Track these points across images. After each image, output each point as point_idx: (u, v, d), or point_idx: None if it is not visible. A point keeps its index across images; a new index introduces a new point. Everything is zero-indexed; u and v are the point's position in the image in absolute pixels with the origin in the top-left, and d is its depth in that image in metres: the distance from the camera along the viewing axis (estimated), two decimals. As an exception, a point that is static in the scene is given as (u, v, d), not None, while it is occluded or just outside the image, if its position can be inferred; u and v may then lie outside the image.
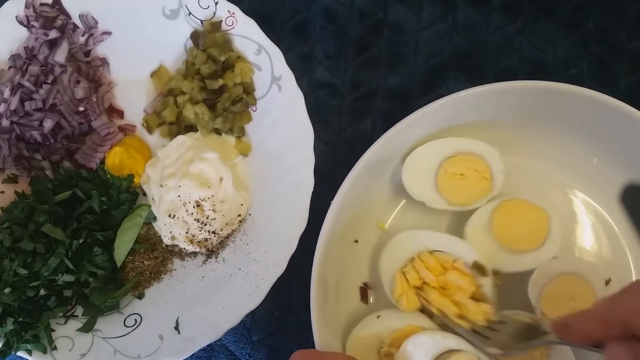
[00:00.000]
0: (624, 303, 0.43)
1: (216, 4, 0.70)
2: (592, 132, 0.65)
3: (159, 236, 0.72)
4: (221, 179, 0.69)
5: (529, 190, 0.69)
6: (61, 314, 0.69)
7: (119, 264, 0.69)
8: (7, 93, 0.70)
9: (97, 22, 0.74)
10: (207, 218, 0.68)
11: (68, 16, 0.73)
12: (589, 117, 0.63)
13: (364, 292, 0.68)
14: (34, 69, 0.71)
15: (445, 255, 0.63)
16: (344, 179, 0.62)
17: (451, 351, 0.57)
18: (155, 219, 0.71)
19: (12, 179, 0.72)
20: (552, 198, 0.69)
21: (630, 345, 0.42)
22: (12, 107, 0.70)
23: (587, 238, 0.69)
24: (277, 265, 0.67)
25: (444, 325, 0.61)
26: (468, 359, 0.56)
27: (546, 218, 0.64)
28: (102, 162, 0.73)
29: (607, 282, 0.62)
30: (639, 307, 0.42)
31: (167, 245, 0.72)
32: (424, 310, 0.63)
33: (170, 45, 0.74)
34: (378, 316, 0.63)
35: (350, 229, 0.67)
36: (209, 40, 0.70)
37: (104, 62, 0.75)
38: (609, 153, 0.66)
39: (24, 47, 0.72)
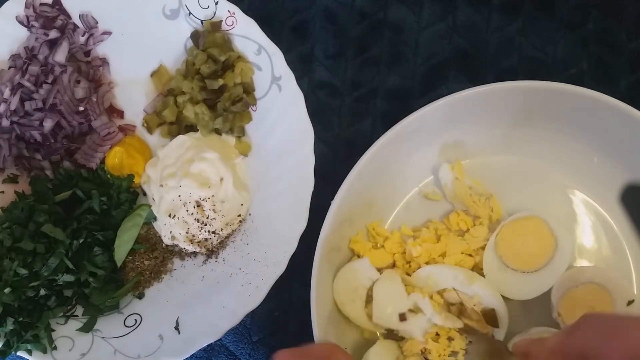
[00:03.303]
0: (579, 338, 0.45)
1: (216, 4, 0.71)
2: (593, 132, 0.65)
3: (159, 236, 0.72)
4: (221, 179, 0.69)
5: (529, 190, 0.69)
6: (61, 314, 0.69)
7: (119, 264, 0.69)
8: (7, 93, 0.70)
9: (97, 22, 0.74)
10: (207, 218, 0.68)
11: (68, 16, 0.73)
12: (589, 117, 0.63)
13: None
14: (34, 69, 0.71)
15: (466, 296, 0.64)
16: (344, 179, 0.62)
17: None
18: (155, 219, 0.71)
19: (12, 179, 0.72)
20: (552, 198, 0.69)
21: None
22: (12, 107, 0.70)
23: (587, 238, 0.69)
24: (277, 265, 0.67)
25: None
26: None
27: (545, 226, 0.64)
28: (102, 162, 0.73)
29: (629, 303, 0.61)
30: (593, 343, 0.44)
31: (167, 245, 0.72)
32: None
33: (170, 45, 0.74)
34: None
35: (350, 229, 0.67)
36: (209, 40, 0.70)
37: (104, 62, 0.75)
38: (609, 153, 0.66)
39: (24, 47, 0.72)
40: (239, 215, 0.71)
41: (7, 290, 0.64)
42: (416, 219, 0.70)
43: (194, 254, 0.72)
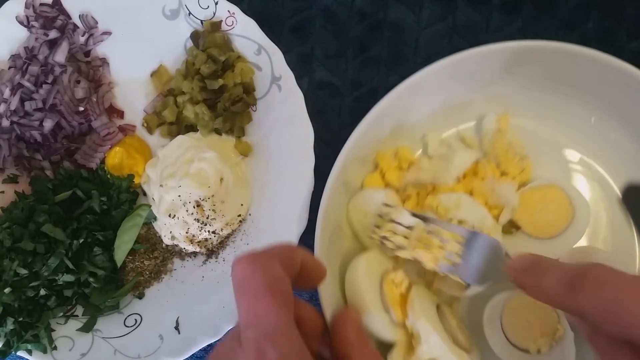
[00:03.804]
0: (584, 302, 0.42)
1: (216, 4, 0.71)
2: (593, 92, 0.65)
3: (159, 236, 0.72)
4: (221, 179, 0.69)
5: (549, 158, 0.68)
6: (61, 314, 0.69)
7: (119, 264, 0.70)
8: (7, 93, 0.70)
9: (97, 22, 0.74)
10: (207, 218, 0.68)
11: (68, 16, 0.73)
12: (591, 77, 0.63)
13: None
14: (34, 69, 0.71)
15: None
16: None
17: None
18: (155, 219, 0.71)
19: (12, 179, 0.72)
20: (554, 161, 0.69)
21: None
22: (12, 107, 0.70)
23: (600, 221, 0.68)
24: (277, 265, 0.67)
25: None
26: None
27: (564, 195, 0.64)
28: (102, 162, 0.73)
29: None
30: (597, 314, 0.41)
31: (167, 245, 0.72)
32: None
33: (170, 45, 0.74)
34: None
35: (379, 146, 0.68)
36: (209, 40, 0.70)
37: (104, 62, 0.75)
38: (608, 113, 0.66)
39: (24, 47, 0.72)
40: (239, 215, 0.71)
41: (7, 290, 0.64)
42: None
43: (194, 254, 0.72)
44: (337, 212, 0.64)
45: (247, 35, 0.71)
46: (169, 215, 0.69)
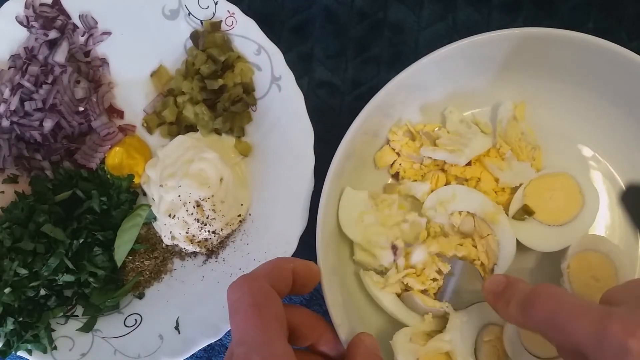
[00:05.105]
0: (533, 320, 0.46)
1: (216, 4, 0.71)
2: (596, 79, 0.65)
3: (159, 236, 0.72)
4: (221, 179, 0.69)
5: (542, 144, 0.69)
6: (61, 314, 0.69)
7: (119, 264, 0.70)
8: (7, 93, 0.70)
9: (97, 22, 0.74)
10: (207, 218, 0.68)
11: (68, 16, 0.73)
12: (595, 64, 0.63)
13: None
14: (34, 69, 0.71)
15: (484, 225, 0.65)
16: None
17: None
18: (155, 219, 0.71)
19: (12, 179, 0.72)
20: (565, 153, 0.69)
21: None
22: (12, 107, 0.70)
23: (611, 216, 0.69)
24: (277, 265, 0.67)
25: None
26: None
27: (575, 183, 0.64)
28: (102, 162, 0.73)
29: None
30: (546, 330, 0.44)
31: (167, 245, 0.72)
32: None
33: (170, 45, 0.74)
34: None
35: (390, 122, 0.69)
36: (209, 41, 0.70)
37: (104, 62, 0.75)
38: (626, 113, 0.66)
39: (24, 47, 0.72)
40: (239, 215, 0.71)
41: (7, 290, 0.65)
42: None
43: (194, 254, 0.72)
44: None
45: (247, 35, 0.71)
46: (169, 215, 0.69)
